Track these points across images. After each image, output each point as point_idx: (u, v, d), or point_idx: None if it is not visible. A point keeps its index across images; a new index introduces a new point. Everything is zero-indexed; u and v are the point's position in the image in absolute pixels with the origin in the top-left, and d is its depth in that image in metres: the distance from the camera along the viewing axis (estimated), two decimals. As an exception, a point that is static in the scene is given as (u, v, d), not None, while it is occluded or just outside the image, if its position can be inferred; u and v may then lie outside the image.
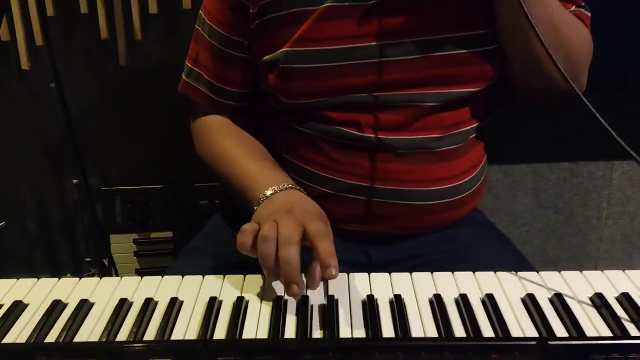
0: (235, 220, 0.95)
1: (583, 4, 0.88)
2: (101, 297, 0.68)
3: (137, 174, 1.42)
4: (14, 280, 0.72)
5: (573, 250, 1.45)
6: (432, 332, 0.60)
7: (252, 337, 0.60)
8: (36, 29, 1.29)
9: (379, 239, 0.86)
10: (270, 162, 0.85)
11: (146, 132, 1.39)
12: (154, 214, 1.42)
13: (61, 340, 0.60)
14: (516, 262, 0.83)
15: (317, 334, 0.60)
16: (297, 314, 0.63)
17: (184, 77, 0.94)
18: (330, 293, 0.66)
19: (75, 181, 1.45)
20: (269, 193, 0.76)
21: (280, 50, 0.80)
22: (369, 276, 0.69)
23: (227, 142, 0.89)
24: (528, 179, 1.40)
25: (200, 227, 0.99)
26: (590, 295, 0.65)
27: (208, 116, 0.92)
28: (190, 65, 0.92)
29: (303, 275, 0.66)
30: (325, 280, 0.68)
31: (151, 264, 1.43)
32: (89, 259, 1.51)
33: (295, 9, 0.79)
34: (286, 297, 0.65)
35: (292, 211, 0.70)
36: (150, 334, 0.61)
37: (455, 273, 0.69)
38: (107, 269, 1.44)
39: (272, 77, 0.83)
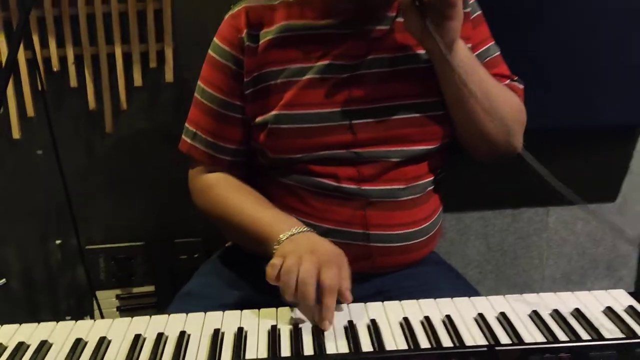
0: (224, 269, 1.07)
1: (516, 78, 1.07)
2: (117, 334, 0.78)
3: (120, 233, 1.51)
4: (35, 324, 0.81)
5: (520, 288, 1.58)
6: (403, 346, 0.73)
7: (254, 357, 0.72)
8: (27, 100, 1.40)
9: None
10: (276, 209, 0.96)
11: (129, 193, 1.49)
12: (136, 270, 1.50)
13: (88, 371, 0.70)
14: (467, 291, 0.97)
15: (308, 352, 0.72)
16: (291, 337, 0.75)
17: (186, 139, 1.04)
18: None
19: (57, 241, 1.52)
20: (289, 234, 0.86)
21: (270, 113, 0.96)
22: (348, 306, 0.82)
23: (233, 195, 0.99)
24: (477, 224, 1.54)
25: (181, 280, 1.08)
26: (528, 312, 0.80)
27: (209, 174, 1.03)
28: (193, 129, 1.03)
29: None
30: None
31: (134, 317, 1.51)
32: (69, 317, 1.57)
33: (282, 79, 0.96)
34: (279, 325, 0.78)
35: (314, 251, 0.81)
36: (165, 362, 0.72)
37: (419, 300, 0.83)
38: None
39: (262, 135, 0.97)
